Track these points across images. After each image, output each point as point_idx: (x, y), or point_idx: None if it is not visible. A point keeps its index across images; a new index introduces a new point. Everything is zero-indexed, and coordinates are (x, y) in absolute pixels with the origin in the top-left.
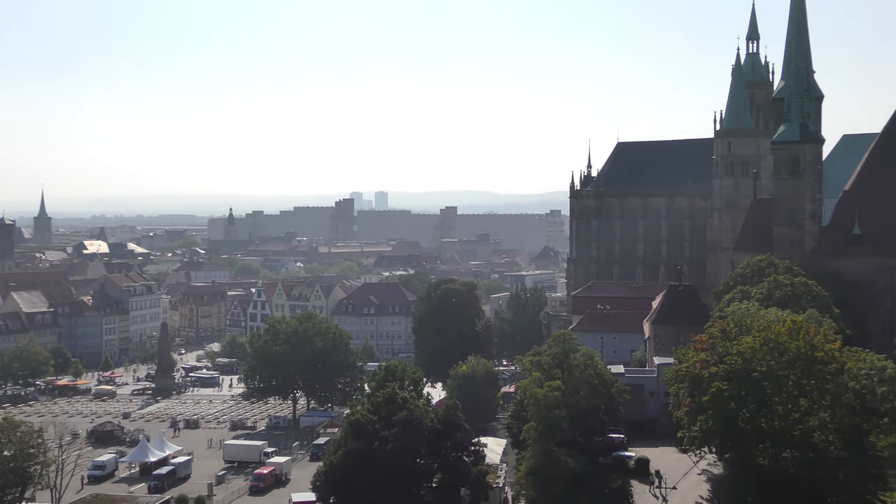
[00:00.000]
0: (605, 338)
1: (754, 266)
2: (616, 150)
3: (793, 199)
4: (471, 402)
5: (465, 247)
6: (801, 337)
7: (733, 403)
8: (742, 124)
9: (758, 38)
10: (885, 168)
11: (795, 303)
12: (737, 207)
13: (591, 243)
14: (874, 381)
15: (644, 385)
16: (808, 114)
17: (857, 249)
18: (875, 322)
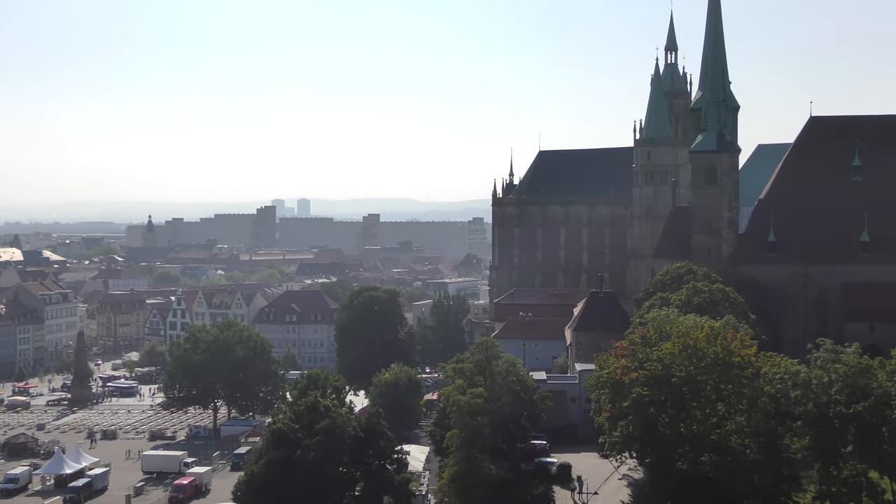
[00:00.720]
0: (527, 345)
1: (673, 273)
2: (538, 159)
3: (710, 207)
4: (394, 409)
5: (388, 254)
6: (718, 343)
7: (653, 409)
8: (661, 134)
9: (676, 49)
10: (798, 177)
11: (713, 309)
12: (656, 215)
13: (513, 251)
14: (788, 385)
15: (566, 391)
16: (725, 124)
17: (772, 256)
18: (789, 327)
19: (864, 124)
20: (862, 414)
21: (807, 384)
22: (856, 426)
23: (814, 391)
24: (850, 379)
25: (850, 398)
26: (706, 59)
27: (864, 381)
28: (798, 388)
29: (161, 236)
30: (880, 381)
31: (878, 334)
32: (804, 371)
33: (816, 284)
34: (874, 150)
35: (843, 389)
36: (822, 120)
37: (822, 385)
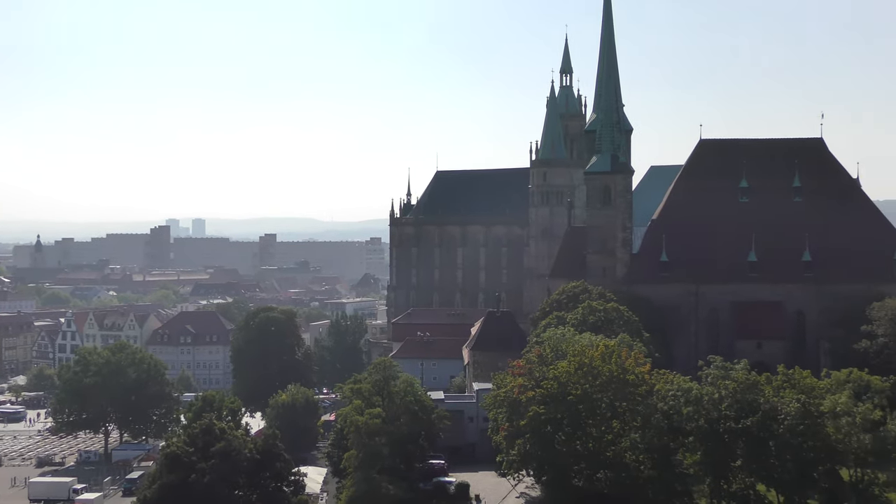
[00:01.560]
0: (425, 364)
1: (569, 292)
2: (435, 179)
3: (605, 227)
4: (290, 431)
5: (285, 274)
6: (613, 361)
7: (550, 427)
8: (557, 155)
9: (571, 71)
10: (688, 198)
11: (608, 328)
12: (552, 235)
13: (410, 271)
14: (681, 401)
15: (464, 410)
16: (619, 145)
17: (664, 276)
18: (681, 345)
19: (750, 147)
20: (750, 428)
21: (698, 400)
22: (744, 440)
23: (705, 407)
24: (738, 395)
25: (739, 413)
26: (600, 82)
27: (752, 397)
28: (690, 404)
29: (50, 256)
30: (767, 397)
31: (765, 351)
32: (696, 388)
33: (707, 303)
34: (760, 172)
35: (732, 405)
36: (711, 142)
37: (713, 401)
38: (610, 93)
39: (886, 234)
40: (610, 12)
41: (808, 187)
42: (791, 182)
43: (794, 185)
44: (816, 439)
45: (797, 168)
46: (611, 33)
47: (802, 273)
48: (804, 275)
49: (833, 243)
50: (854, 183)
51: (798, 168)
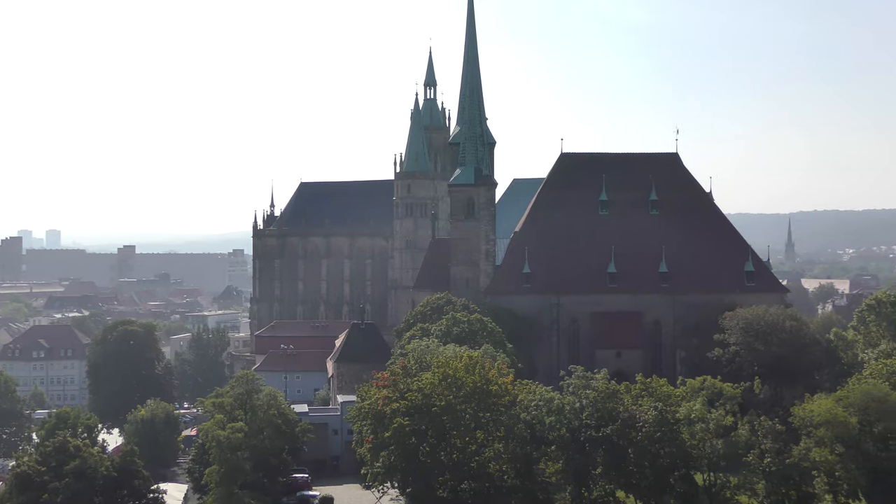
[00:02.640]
0: (288, 377)
1: (433, 304)
2: (299, 190)
3: (468, 239)
4: (150, 447)
5: (144, 287)
6: (476, 372)
7: (414, 438)
8: (421, 167)
9: (435, 84)
10: (550, 211)
11: (472, 339)
12: (417, 247)
13: (274, 283)
14: (543, 411)
15: (328, 423)
16: (482, 158)
17: (527, 287)
18: (543, 355)
19: (609, 161)
20: (610, 436)
21: (560, 410)
22: (604, 448)
23: (566, 416)
24: (599, 403)
25: (600, 422)
26: (463, 95)
27: (611, 405)
28: (552, 413)
29: None
30: (626, 405)
31: (624, 360)
32: (557, 397)
33: (568, 314)
34: (619, 185)
35: (593, 414)
36: (571, 156)
37: (574, 410)
38: (473, 106)
39: (738, 246)
40: (473, 26)
41: (664, 200)
42: (648, 195)
43: (651, 199)
44: (672, 445)
45: (654, 182)
46: (474, 47)
47: (659, 284)
48: (661, 286)
49: (688, 255)
50: (707, 196)
51: (655, 182)
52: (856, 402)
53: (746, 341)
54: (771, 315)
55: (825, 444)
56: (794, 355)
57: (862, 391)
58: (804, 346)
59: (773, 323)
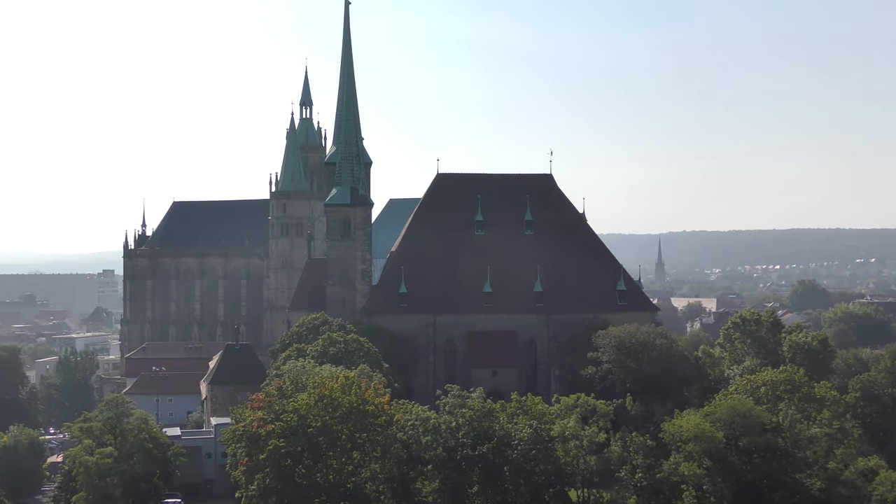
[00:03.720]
0: (160, 400)
1: (309, 324)
2: (172, 209)
3: (345, 259)
4: (13, 475)
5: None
6: (353, 392)
7: (290, 460)
8: (297, 187)
9: (311, 103)
10: (427, 231)
11: (348, 359)
12: (292, 267)
13: (146, 304)
14: (419, 431)
15: (201, 447)
16: (358, 178)
17: (403, 307)
18: (420, 375)
19: (485, 181)
20: (486, 455)
21: (436, 429)
22: (481, 467)
23: (443, 436)
24: (475, 422)
25: (476, 440)
26: (339, 115)
27: (487, 424)
28: (428, 433)
29: None
30: (502, 424)
31: (499, 379)
32: (434, 417)
33: (444, 333)
34: (494, 205)
35: (469, 433)
36: (447, 176)
37: (451, 429)
38: (349, 125)
39: (610, 266)
40: (349, 46)
41: (539, 221)
42: (523, 216)
43: (526, 219)
44: (547, 463)
45: (528, 202)
46: (350, 67)
47: (534, 303)
48: (536, 305)
49: (562, 274)
50: (580, 217)
51: (529, 202)
52: (722, 417)
53: (619, 359)
54: (642, 333)
55: (694, 459)
56: (665, 372)
57: (728, 406)
58: (674, 364)
59: (644, 341)
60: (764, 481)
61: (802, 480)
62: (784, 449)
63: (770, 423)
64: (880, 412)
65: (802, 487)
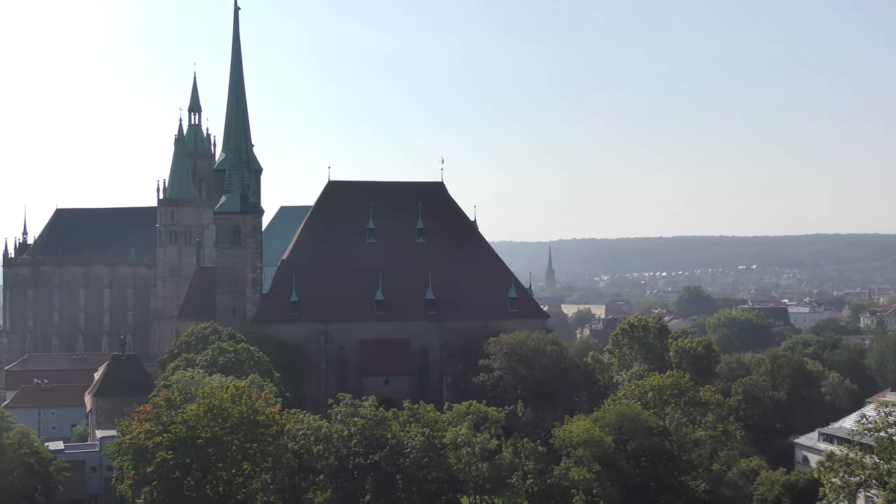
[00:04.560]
0: (42, 413)
1: (198, 334)
2: (55, 217)
3: (235, 267)
4: None
5: None
6: (243, 402)
7: (178, 472)
8: (185, 194)
9: (200, 110)
10: (318, 238)
11: (239, 369)
12: (181, 276)
13: (27, 314)
14: (311, 440)
15: (85, 460)
16: (249, 185)
17: (294, 315)
18: (311, 384)
19: (377, 189)
20: (378, 463)
21: (328, 438)
22: (373, 475)
23: (334, 445)
24: (367, 431)
25: (368, 449)
26: (229, 122)
27: (379, 432)
28: (320, 442)
29: None
30: (394, 432)
31: (392, 387)
32: (325, 426)
33: (336, 341)
34: (386, 213)
35: (361, 441)
36: (339, 184)
37: (342, 438)
38: (239, 132)
39: (501, 274)
40: (239, 52)
41: (431, 229)
42: (415, 223)
43: (418, 227)
44: (440, 470)
45: (420, 210)
46: (240, 73)
47: (426, 311)
48: (428, 312)
49: (454, 282)
50: (472, 225)
51: (421, 210)
52: (611, 421)
53: (510, 366)
54: (533, 340)
55: (583, 463)
56: (555, 378)
57: (616, 411)
58: (564, 370)
59: (534, 348)
60: (651, 484)
61: (688, 482)
62: (670, 452)
63: (657, 427)
64: (761, 414)
65: (688, 489)
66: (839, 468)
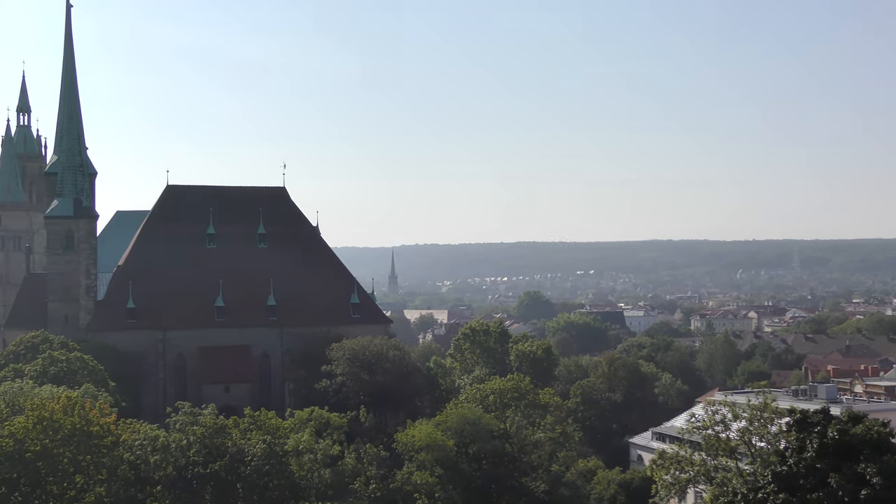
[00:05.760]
0: None
1: (28, 343)
2: None
3: (67, 274)
4: None
5: None
6: (76, 413)
7: (5, 488)
8: (14, 198)
9: (29, 110)
10: (156, 244)
11: (71, 378)
12: (9, 283)
13: None
14: (147, 450)
15: None
16: (82, 189)
17: (131, 323)
18: (149, 393)
19: (218, 194)
20: (218, 472)
21: (166, 448)
22: (213, 485)
23: (173, 454)
24: (206, 440)
25: (208, 458)
26: (61, 123)
27: (219, 441)
28: (157, 452)
29: None
30: (235, 440)
31: (233, 394)
32: (163, 435)
33: (175, 349)
34: (227, 218)
35: (200, 450)
36: (178, 188)
37: (181, 448)
38: (72, 134)
39: (344, 279)
40: (72, 51)
41: (273, 234)
42: (256, 229)
43: (260, 232)
44: (281, 478)
45: (262, 215)
46: (72, 72)
47: (268, 317)
48: (269, 319)
49: (296, 288)
50: (314, 230)
51: (263, 215)
52: (453, 425)
53: (353, 371)
54: (375, 345)
55: (426, 467)
56: (398, 383)
57: (458, 415)
58: (407, 375)
59: (377, 353)
60: (493, 486)
61: (528, 483)
62: (511, 454)
63: (498, 430)
64: (598, 415)
65: (528, 490)
66: (670, 465)
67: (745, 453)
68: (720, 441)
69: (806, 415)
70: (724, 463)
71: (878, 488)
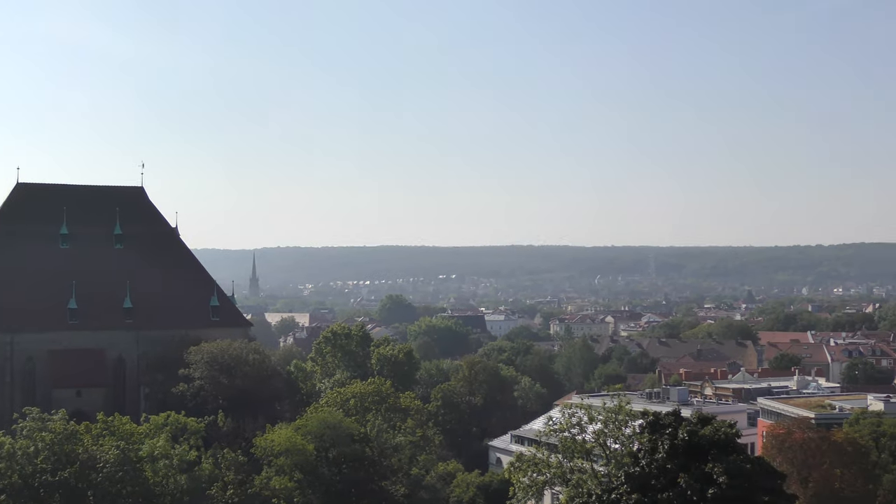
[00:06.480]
0: None
1: None
2: None
3: None
4: None
5: None
6: None
7: None
8: None
9: None
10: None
11: None
12: None
13: None
14: None
15: None
16: None
17: None
18: None
19: (72, 193)
20: (68, 480)
21: (11, 456)
22: (62, 493)
23: (19, 462)
24: (56, 446)
25: (56, 465)
26: None
27: (70, 447)
28: (2, 460)
29: None
30: (86, 446)
31: (85, 399)
32: (9, 442)
33: (23, 352)
34: (81, 218)
35: (49, 457)
36: (29, 186)
37: (28, 455)
38: None
39: (203, 281)
40: None
41: (130, 235)
42: (112, 229)
43: (116, 233)
44: (135, 484)
45: (118, 215)
46: None
47: (123, 320)
48: (125, 321)
49: (153, 290)
50: (173, 231)
51: (119, 215)
52: (313, 429)
53: (211, 375)
54: (235, 349)
55: (285, 472)
56: (257, 387)
57: (319, 419)
58: (266, 378)
59: (236, 356)
60: (352, 490)
61: (388, 487)
62: (371, 458)
63: (358, 434)
64: (458, 419)
65: (388, 493)
66: (527, 468)
67: (601, 455)
68: (576, 443)
69: (658, 417)
70: (579, 465)
71: (725, 487)
